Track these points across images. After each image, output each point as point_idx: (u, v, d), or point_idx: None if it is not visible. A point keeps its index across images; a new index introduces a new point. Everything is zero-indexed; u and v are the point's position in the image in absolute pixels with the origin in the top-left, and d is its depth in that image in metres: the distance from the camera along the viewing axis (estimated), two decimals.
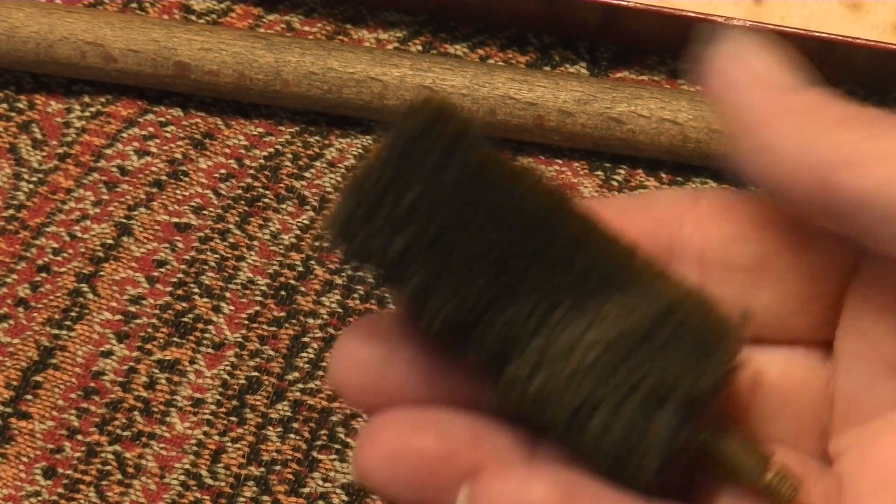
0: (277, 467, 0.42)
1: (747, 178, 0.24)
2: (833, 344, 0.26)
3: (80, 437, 0.42)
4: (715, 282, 0.26)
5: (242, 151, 0.47)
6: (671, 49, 0.48)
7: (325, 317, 0.44)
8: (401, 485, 0.24)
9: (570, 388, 0.23)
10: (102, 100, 0.48)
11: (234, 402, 0.43)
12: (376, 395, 0.25)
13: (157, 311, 0.44)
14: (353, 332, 0.25)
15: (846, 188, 0.23)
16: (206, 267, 0.45)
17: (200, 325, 0.44)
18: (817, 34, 0.44)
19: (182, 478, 0.42)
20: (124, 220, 0.46)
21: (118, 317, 0.44)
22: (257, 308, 0.44)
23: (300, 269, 0.45)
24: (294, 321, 0.44)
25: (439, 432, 0.24)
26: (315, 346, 0.44)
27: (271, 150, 0.47)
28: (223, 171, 0.47)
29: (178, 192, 0.46)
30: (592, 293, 0.24)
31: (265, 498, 0.41)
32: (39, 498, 0.42)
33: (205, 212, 0.46)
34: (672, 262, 0.26)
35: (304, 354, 0.43)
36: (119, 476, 0.42)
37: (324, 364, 0.43)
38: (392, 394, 0.25)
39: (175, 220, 0.46)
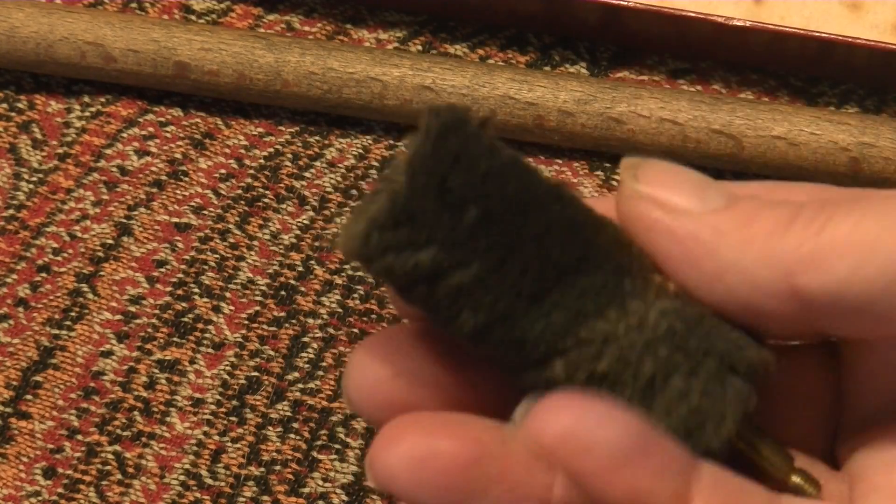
0: (277, 467, 0.42)
1: (712, 303, 0.24)
2: (839, 346, 0.26)
3: (80, 437, 0.42)
4: None
5: (242, 151, 0.47)
6: (671, 49, 0.48)
7: (325, 317, 0.44)
8: (427, 491, 0.23)
9: (644, 358, 0.23)
10: (102, 100, 0.48)
11: (234, 402, 0.43)
12: (397, 411, 0.24)
13: (157, 311, 0.44)
14: (367, 349, 0.24)
15: (810, 290, 0.22)
16: (206, 267, 0.45)
17: (200, 325, 0.44)
18: (817, 34, 0.44)
19: (182, 478, 0.42)
20: (124, 220, 0.46)
21: (118, 317, 0.44)
22: (257, 308, 0.44)
23: (300, 269, 0.45)
24: (294, 321, 0.44)
25: (467, 435, 0.23)
26: (315, 346, 0.43)
27: (271, 150, 0.47)
28: (223, 171, 0.47)
29: (178, 192, 0.46)
30: (648, 272, 0.24)
31: (265, 498, 0.41)
32: (39, 498, 0.42)
33: (205, 212, 0.46)
34: None
35: (304, 354, 0.43)
36: (119, 476, 0.42)
37: (324, 364, 0.43)
38: (414, 408, 0.24)
39: (175, 220, 0.46)
